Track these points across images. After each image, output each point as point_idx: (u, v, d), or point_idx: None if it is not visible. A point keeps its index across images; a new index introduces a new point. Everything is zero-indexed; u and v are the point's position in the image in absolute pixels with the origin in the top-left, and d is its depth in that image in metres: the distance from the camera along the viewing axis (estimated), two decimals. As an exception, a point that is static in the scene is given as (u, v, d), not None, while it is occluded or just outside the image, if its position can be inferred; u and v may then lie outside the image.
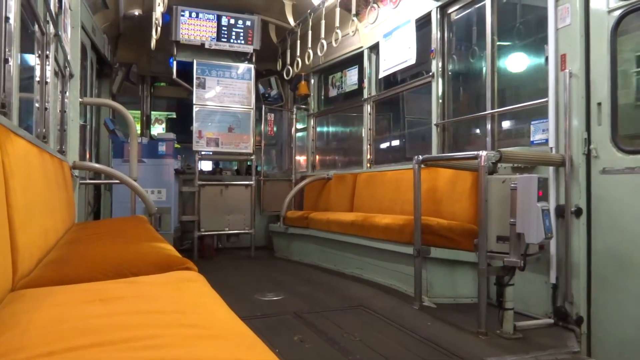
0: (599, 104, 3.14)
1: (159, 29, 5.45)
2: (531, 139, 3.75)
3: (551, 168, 3.37)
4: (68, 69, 4.32)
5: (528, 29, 4.22)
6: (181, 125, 8.14)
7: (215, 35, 6.76)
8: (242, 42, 6.88)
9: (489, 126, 4.36)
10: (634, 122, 3.18)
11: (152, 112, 8.45)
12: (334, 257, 5.52)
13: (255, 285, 4.74)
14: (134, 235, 2.86)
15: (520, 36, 4.29)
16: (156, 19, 5.36)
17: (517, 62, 4.41)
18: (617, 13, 3.05)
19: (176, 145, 6.83)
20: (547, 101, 3.46)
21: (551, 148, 3.39)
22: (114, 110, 6.01)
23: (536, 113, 3.73)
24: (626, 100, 3.15)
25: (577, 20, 3.27)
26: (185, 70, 6.73)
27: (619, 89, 3.09)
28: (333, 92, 7.26)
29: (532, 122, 3.74)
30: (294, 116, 7.73)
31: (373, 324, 3.40)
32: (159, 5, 5.08)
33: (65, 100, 4.32)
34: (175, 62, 6.69)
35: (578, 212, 3.19)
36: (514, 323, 3.12)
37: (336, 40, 5.28)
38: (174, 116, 8.74)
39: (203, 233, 6.62)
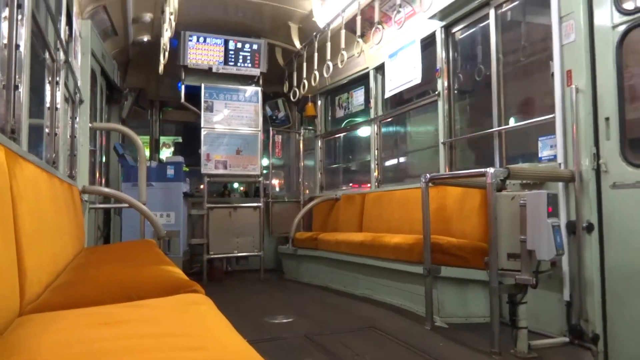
0: (607, 118, 3.12)
1: (166, 54, 5.53)
2: (539, 155, 3.73)
3: (560, 184, 3.35)
4: (78, 95, 4.39)
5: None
6: (189, 148, 8.20)
7: (222, 59, 6.84)
8: (249, 65, 6.96)
9: (496, 143, 4.34)
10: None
11: (161, 137, 8.53)
12: (344, 278, 5.47)
13: (265, 307, 4.70)
14: (142, 258, 2.86)
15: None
16: (164, 44, 5.45)
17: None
18: (622, 28, 3.06)
19: (185, 169, 6.88)
20: (554, 117, 3.45)
21: (560, 164, 3.37)
22: (124, 134, 6.08)
23: (544, 129, 3.73)
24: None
25: (581, 37, 3.28)
26: (193, 94, 6.81)
27: (626, 103, 3.08)
28: (340, 113, 7.30)
29: (540, 139, 3.72)
30: (301, 137, 7.76)
31: (384, 346, 3.35)
32: (166, 31, 5.17)
33: (75, 125, 4.38)
34: (183, 87, 6.77)
35: (590, 228, 3.15)
36: (528, 342, 3.06)
37: (342, 61, 5.32)
38: (180, 140, 8.81)
39: (212, 256, 6.61)
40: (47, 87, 3.25)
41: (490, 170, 3.09)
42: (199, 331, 1.32)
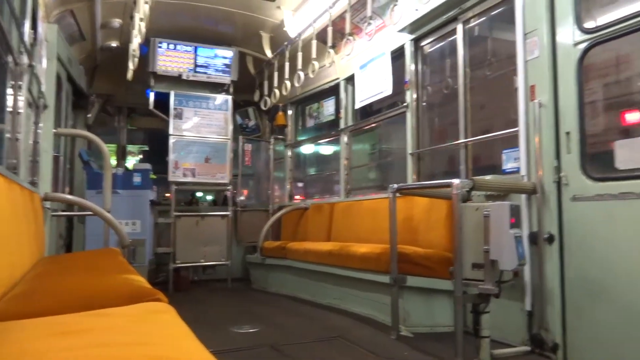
0: (568, 133, 3.22)
1: (136, 60, 5.47)
2: (503, 168, 3.82)
3: (523, 196, 3.43)
4: (42, 100, 4.28)
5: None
6: (156, 156, 8.09)
7: (192, 66, 6.80)
8: (220, 73, 6.94)
9: (462, 155, 4.43)
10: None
11: (128, 145, 8.39)
12: (312, 288, 5.47)
13: (232, 317, 4.65)
14: (104, 267, 2.80)
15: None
16: (133, 50, 5.38)
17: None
18: (583, 46, 3.17)
19: (152, 176, 6.77)
20: (518, 130, 3.54)
21: (523, 176, 3.46)
22: (89, 141, 5.95)
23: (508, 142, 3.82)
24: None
25: (544, 53, 3.38)
26: (162, 101, 6.74)
27: (586, 118, 3.18)
28: (310, 123, 7.33)
29: (504, 151, 3.81)
30: (271, 147, 7.76)
31: (350, 355, 3.35)
32: (136, 37, 5.11)
33: (39, 131, 4.27)
34: (152, 93, 6.69)
35: (550, 239, 3.24)
36: (490, 351, 3.10)
37: (313, 71, 5.36)
38: (147, 148, 8.68)
39: (179, 265, 6.51)
40: (9, 92, 3.17)
41: (456, 181, 3.15)
42: (160, 340, 1.30)
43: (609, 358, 2.88)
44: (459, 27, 4.45)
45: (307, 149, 7.79)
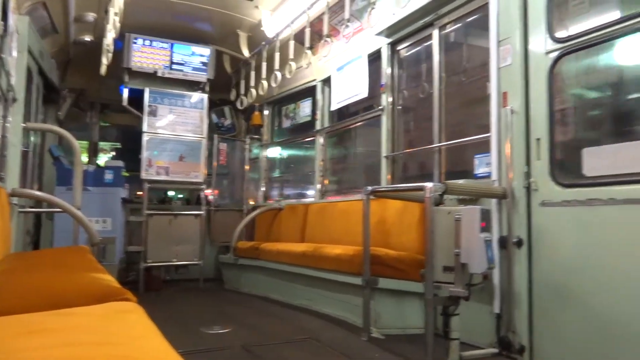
0: (538, 139, 3.29)
1: (110, 55, 5.38)
2: (475, 172, 3.88)
3: (494, 200, 3.49)
4: (11, 93, 4.18)
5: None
6: (129, 153, 7.97)
7: (168, 63, 6.72)
8: (196, 71, 6.88)
9: (436, 159, 4.48)
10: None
11: (100, 142, 8.25)
12: (285, 289, 5.46)
13: (203, 317, 4.61)
14: (72, 265, 2.74)
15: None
16: (107, 45, 5.29)
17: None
18: (554, 55, 3.24)
19: (124, 174, 6.67)
20: (489, 136, 3.60)
21: (494, 181, 3.52)
22: (60, 137, 5.83)
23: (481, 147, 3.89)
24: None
25: (517, 61, 3.45)
26: (137, 98, 6.64)
27: (555, 125, 3.25)
28: (287, 123, 7.33)
29: (476, 156, 3.87)
30: (247, 146, 7.72)
31: (321, 356, 3.35)
32: (110, 31, 5.03)
33: (7, 124, 4.16)
34: (126, 90, 6.59)
35: (519, 243, 3.30)
36: (460, 353, 3.14)
37: (290, 72, 5.36)
38: (119, 146, 8.52)
39: (150, 264, 6.42)
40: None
41: (429, 185, 3.18)
42: (127, 340, 1.28)
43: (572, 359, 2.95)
44: (435, 33, 4.51)
45: (282, 150, 7.78)
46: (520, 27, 3.45)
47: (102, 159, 8.13)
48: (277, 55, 5.69)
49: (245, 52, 6.72)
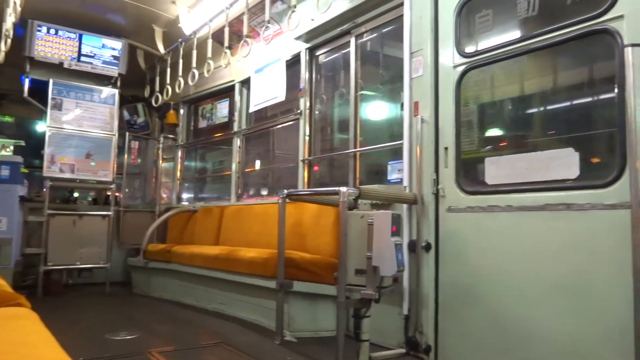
0: (446, 148, 3.45)
1: (9, 40, 4.97)
2: (388, 178, 4.00)
3: (405, 205, 3.62)
4: None
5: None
6: (31, 148, 7.43)
7: (76, 55, 6.35)
8: (107, 65, 6.55)
9: (351, 164, 4.58)
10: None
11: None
12: (198, 293, 5.32)
13: (108, 323, 4.39)
14: (-41, 270, 2.51)
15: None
16: (6, 30, 4.89)
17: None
18: (460, 69, 3.42)
19: (23, 170, 6.19)
20: (402, 143, 3.73)
21: (405, 187, 3.65)
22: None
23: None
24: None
25: (428, 72, 3.60)
26: (40, 90, 6.21)
27: (461, 135, 3.43)
28: (203, 124, 7.16)
29: (389, 162, 4.00)
30: (161, 145, 7.46)
31: (233, 362, 3.31)
32: (10, 15, 4.66)
33: None
34: (27, 80, 6.14)
35: (427, 247, 3.45)
36: (369, 354, 3.22)
37: (208, 71, 5.25)
38: (23, 143, 7.89)
39: (50, 267, 6.01)
40: None
41: (343, 189, 3.23)
42: (18, 348, 1.19)
43: (476, 358, 3.12)
44: (352, 41, 4.61)
45: (199, 150, 7.60)
46: (431, 40, 3.60)
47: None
48: (194, 53, 5.55)
49: (161, 48, 6.50)
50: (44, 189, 6.22)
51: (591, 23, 2.71)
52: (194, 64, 5.51)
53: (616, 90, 2.61)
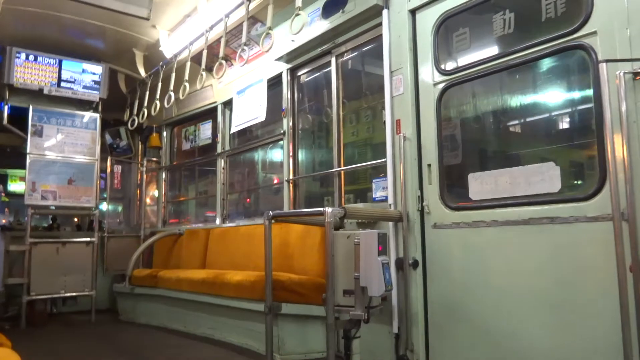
0: (429, 165, 3.47)
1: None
2: (373, 196, 4.01)
3: (391, 223, 3.62)
4: None
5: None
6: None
7: (56, 80, 6.31)
8: (88, 90, 6.51)
9: (336, 183, 4.58)
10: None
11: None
12: (185, 318, 5.24)
13: (93, 354, 4.31)
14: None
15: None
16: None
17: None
18: (441, 86, 3.46)
19: (3, 199, 6.10)
20: (385, 161, 3.74)
21: (390, 205, 3.65)
22: None
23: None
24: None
25: (408, 90, 3.63)
26: (20, 117, 6.15)
27: (444, 151, 3.46)
28: (186, 146, 7.13)
29: (374, 180, 4.01)
30: (144, 169, 7.40)
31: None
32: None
33: None
34: (6, 107, 6.08)
35: (415, 264, 3.44)
36: (361, 375, 3.20)
37: (184, 94, 5.24)
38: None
39: (34, 297, 5.89)
40: None
41: (329, 209, 3.22)
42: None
43: (465, 374, 3.12)
44: (333, 60, 4.64)
45: (183, 172, 7.55)
46: (410, 58, 3.64)
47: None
48: (172, 76, 5.54)
49: (142, 72, 6.48)
50: (26, 219, 6.12)
51: (566, 39, 2.77)
52: (171, 87, 5.50)
53: (593, 104, 2.66)
